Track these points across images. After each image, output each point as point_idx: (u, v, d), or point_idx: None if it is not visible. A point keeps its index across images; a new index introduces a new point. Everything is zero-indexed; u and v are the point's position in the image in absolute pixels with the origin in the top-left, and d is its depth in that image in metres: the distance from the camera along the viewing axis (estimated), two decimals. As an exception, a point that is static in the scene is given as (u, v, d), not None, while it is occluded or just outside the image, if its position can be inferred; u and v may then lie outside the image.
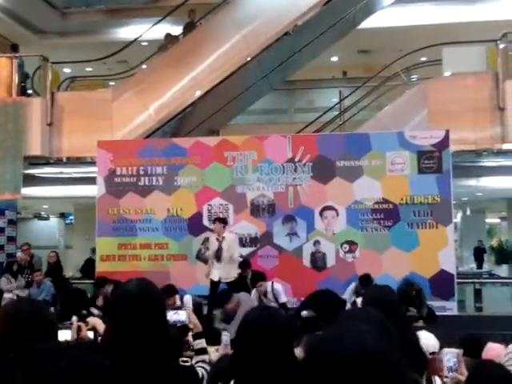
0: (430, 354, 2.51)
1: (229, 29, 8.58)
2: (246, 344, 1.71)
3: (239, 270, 7.02)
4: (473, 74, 8.41)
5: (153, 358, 1.81)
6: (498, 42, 8.38)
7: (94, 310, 6.84)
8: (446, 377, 2.44)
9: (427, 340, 2.80)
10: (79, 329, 2.30)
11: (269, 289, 6.69)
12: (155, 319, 1.88)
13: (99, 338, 2.47)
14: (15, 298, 7.44)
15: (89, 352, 1.25)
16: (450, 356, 2.44)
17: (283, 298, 6.76)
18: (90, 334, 2.57)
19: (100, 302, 7.11)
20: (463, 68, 8.43)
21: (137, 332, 1.82)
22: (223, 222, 7.18)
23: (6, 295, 8.05)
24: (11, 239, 10.32)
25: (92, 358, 1.20)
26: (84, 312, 6.55)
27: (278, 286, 6.83)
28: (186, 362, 2.11)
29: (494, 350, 3.55)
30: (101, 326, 2.58)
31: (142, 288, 1.95)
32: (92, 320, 2.70)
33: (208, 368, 2.41)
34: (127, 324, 1.84)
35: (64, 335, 2.29)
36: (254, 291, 6.66)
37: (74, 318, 2.43)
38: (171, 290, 6.08)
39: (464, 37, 9.05)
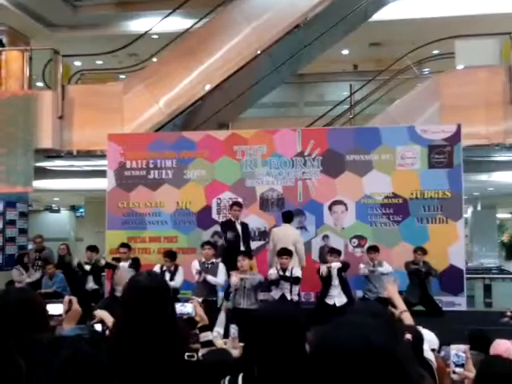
0: (431, 350, 2.50)
1: (239, 22, 8.54)
2: (258, 338, 1.70)
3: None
4: (486, 68, 8.30)
5: (159, 350, 1.82)
6: (512, 34, 8.27)
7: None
8: (454, 372, 2.43)
9: (428, 337, 2.79)
10: (70, 302, 2.33)
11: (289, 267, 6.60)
12: (164, 311, 1.89)
13: (106, 331, 2.48)
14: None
15: (87, 345, 1.26)
16: (457, 352, 2.43)
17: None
18: (98, 327, 2.58)
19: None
20: (476, 61, 8.33)
21: (146, 324, 1.84)
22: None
23: (18, 286, 8.15)
24: (22, 231, 10.42)
25: (90, 350, 1.21)
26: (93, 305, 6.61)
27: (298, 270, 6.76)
28: (192, 356, 2.11)
29: (501, 346, 3.53)
30: (108, 319, 2.59)
31: (152, 280, 1.98)
32: (99, 313, 2.71)
33: None
34: (137, 316, 1.85)
35: (56, 309, 2.33)
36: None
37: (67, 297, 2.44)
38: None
39: (477, 29, 8.93)
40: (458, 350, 2.45)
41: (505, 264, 15.03)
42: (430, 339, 2.71)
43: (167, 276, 6.93)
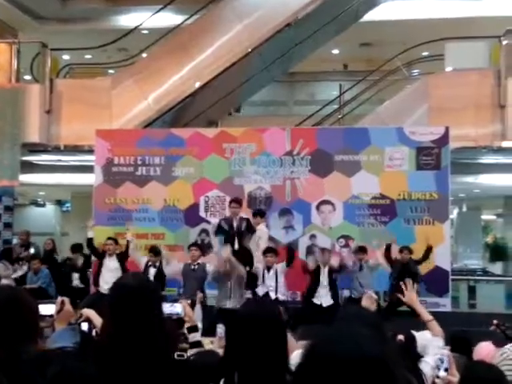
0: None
1: (230, 19, 8.52)
2: (239, 340, 1.70)
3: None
4: (475, 70, 8.37)
5: (149, 351, 1.82)
6: (502, 38, 8.34)
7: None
8: (438, 377, 2.44)
9: (430, 341, 2.79)
10: (62, 303, 2.31)
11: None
12: (151, 312, 1.89)
13: (93, 330, 2.46)
14: (13, 284, 7.46)
15: (74, 359, 1.24)
16: (441, 356, 2.44)
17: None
18: (84, 326, 2.56)
19: None
20: (465, 64, 8.38)
21: (133, 324, 1.83)
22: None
23: (4, 281, 8.07)
24: (8, 225, 10.30)
25: (77, 366, 1.20)
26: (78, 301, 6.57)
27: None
28: (182, 355, 2.11)
29: (484, 349, 3.55)
30: (95, 318, 2.57)
31: (139, 281, 1.98)
32: (86, 311, 2.68)
33: None
34: (124, 317, 1.85)
35: (48, 310, 2.31)
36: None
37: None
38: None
39: (467, 32, 8.99)
40: (442, 355, 2.46)
41: (489, 265, 15.18)
42: (430, 343, 2.69)
43: (152, 271, 6.92)
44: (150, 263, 7.07)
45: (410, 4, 10.44)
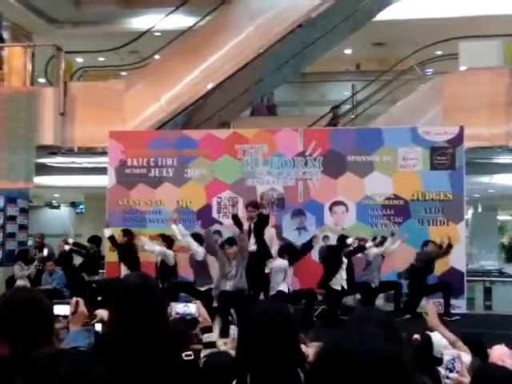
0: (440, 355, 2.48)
1: (242, 20, 8.52)
2: (251, 340, 1.69)
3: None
4: (489, 69, 8.28)
5: (152, 351, 1.82)
6: (516, 36, 8.25)
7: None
8: (448, 377, 2.41)
9: (439, 341, 2.77)
10: (77, 304, 2.32)
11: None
12: (155, 311, 1.89)
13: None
14: (28, 285, 7.55)
15: (87, 359, 1.24)
16: (451, 357, 2.41)
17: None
18: (98, 327, 2.57)
19: None
20: (479, 63, 8.30)
21: (137, 323, 1.84)
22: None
23: (19, 282, 8.17)
24: (23, 227, 10.41)
25: (90, 365, 1.20)
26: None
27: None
28: (190, 355, 2.11)
29: (496, 351, 3.50)
30: (108, 319, 2.58)
31: (143, 281, 1.99)
32: (100, 312, 2.70)
33: None
34: (128, 315, 1.85)
35: (62, 310, 2.32)
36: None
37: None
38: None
39: (481, 31, 8.90)
40: (452, 355, 2.43)
41: (504, 266, 15.01)
42: (438, 344, 2.68)
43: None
44: None
45: (423, 3, 10.36)
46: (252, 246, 6.80)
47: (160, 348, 1.84)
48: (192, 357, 2.14)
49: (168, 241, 7.22)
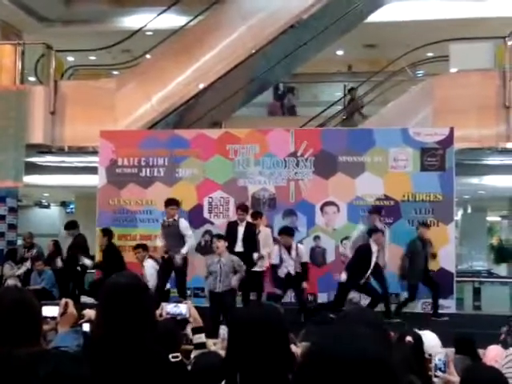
0: (428, 355, 2.49)
1: (234, 20, 8.52)
2: (241, 341, 1.68)
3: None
4: (480, 71, 8.33)
5: (138, 352, 1.81)
6: (507, 38, 8.30)
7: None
8: (436, 376, 2.42)
9: (429, 341, 2.78)
10: (66, 305, 2.30)
11: (293, 245, 6.74)
12: (142, 312, 1.88)
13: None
14: (19, 284, 7.50)
15: (68, 359, 1.23)
16: (440, 356, 2.43)
17: (305, 258, 6.88)
18: (86, 327, 2.55)
19: None
20: (470, 65, 8.35)
21: (123, 324, 1.83)
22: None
23: (10, 281, 8.12)
24: (12, 227, 10.33)
25: (70, 366, 1.18)
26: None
27: (302, 247, 6.94)
28: (177, 357, 2.09)
29: (491, 351, 3.54)
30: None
31: (131, 280, 1.97)
32: (88, 312, 2.68)
33: None
34: (115, 316, 1.85)
35: (51, 311, 2.30)
36: (276, 246, 6.80)
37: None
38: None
39: (472, 33, 8.96)
40: (441, 354, 2.45)
41: (493, 267, 15.12)
42: (428, 344, 2.70)
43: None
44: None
45: (415, 5, 10.41)
46: (239, 248, 6.83)
47: (146, 349, 1.83)
48: (179, 358, 2.13)
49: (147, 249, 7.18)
